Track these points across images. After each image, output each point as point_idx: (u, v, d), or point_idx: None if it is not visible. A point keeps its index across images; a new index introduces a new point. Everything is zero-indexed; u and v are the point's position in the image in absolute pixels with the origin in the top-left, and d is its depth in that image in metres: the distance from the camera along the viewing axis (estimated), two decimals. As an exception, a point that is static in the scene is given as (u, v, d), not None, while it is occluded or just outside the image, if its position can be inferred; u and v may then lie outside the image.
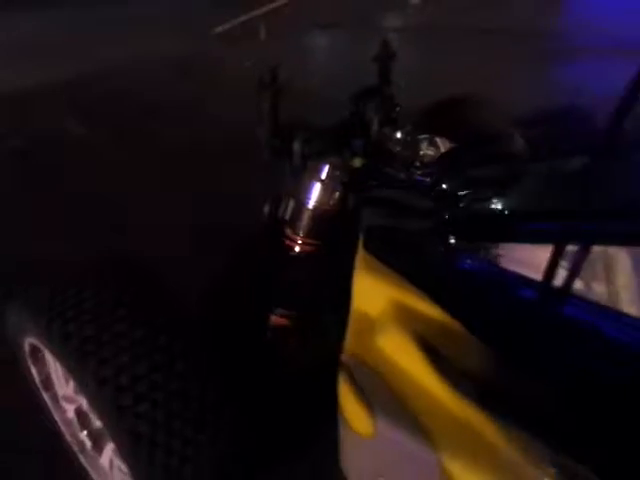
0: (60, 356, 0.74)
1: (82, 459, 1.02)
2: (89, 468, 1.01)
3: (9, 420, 1.18)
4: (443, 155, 1.09)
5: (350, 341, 0.77)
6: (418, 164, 1.09)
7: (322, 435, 0.86)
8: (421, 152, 1.33)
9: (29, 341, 0.89)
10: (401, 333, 0.71)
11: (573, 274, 0.62)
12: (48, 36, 6.93)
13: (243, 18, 6.76)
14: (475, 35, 5.38)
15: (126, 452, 0.71)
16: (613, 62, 3.77)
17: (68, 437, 1.03)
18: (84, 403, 0.87)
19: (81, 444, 1.01)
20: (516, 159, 0.95)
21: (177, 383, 0.72)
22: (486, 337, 0.66)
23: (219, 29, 6.82)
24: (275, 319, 1.04)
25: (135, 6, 9.66)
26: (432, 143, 1.29)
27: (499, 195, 0.84)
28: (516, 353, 0.64)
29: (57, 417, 1.03)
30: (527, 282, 0.70)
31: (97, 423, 0.86)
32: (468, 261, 0.77)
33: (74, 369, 0.72)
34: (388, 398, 0.67)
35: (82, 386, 0.74)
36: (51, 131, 3.23)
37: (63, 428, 1.03)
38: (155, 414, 0.69)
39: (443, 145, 1.22)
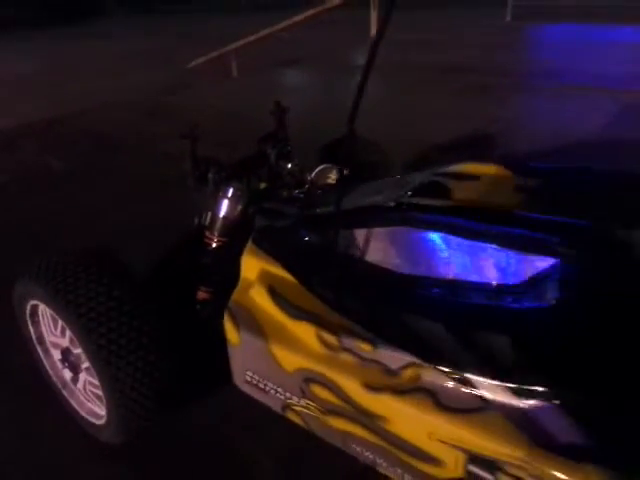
0: (54, 305, 1.25)
1: (65, 393, 1.52)
2: (70, 399, 1.51)
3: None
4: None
5: (235, 295, 1.28)
6: (307, 186, 1.65)
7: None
8: (330, 178, 1.95)
9: (31, 303, 1.39)
10: (261, 286, 1.24)
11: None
12: (31, 73, 7.51)
13: (214, 54, 7.31)
14: (420, 71, 6.11)
15: (94, 360, 1.22)
16: (540, 97, 4.44)
17: (54, 378, 1.52)
18: (67, 341, 1.37)
19: (63, 380, 1.51)
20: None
21: (124, 318, 1.23)
22: (309, 285, 1.19)
23: (192, 64, 7.42)
24: (200, 294, 1.56)
25: (118, 41, 10.29)
26: (338, 171, 1.90)
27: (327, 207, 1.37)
28: (324, 292, 1.16)
29: (47, 364, 1.53)
30: (336, 253, 1.23)
31: (75, 351, 1.36)
32: (306, 243, 1.30)
33: (62, 311, 1.23)
34: (247, 319, 1.19)
35: (67, 322, 1.24)
36: (32, 164, 3.76)
37: (51, 371, 1.53)
38: (110, 335, 1.20)
39: (343, 173, 1.82)
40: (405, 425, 0.96)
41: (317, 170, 2.06)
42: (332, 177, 2.05)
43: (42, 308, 1.40)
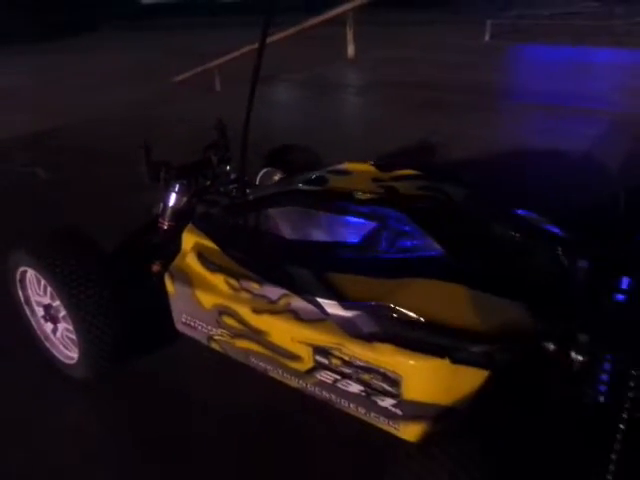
0: (38, 267, 1.74)
1: (48, 345, 2.00)
2: (52, 349, 1.99)
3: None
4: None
5: (175, 261, 1.78)
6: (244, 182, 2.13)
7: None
8: (274, 179, 2.47)
9: (20, 269, 1.88)
10: (193, 252, 1.73)
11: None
12: (19, 87, 8.03)
13: (199, 69, 7.87)
14: (387, 87, 6.69)
15: (68, 306, 1.70)
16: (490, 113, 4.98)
17: (39, 332, 2.00)
18: (48, 298, 1.86)
19: (45, 333, 1.99)
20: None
21: (91, 276, 1.72)
22: (225, 250, 1.68)
23: (176, 79, 7.98)
24: (154, 266, 2.05)
25: (105, 56, 10.84)
26: (281, 174, 2.41)
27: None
28: (234, 253, 1.65)
29: (33, 321, 2.01)
30: (244, 228, 1.73)
31: (54, 304, 1.84)
32: (228, 223, 1.80)
33: (44, 272, 1.72)
34: (181, 275, 1.69)
35: (54, 284, 1.72)
36: (22, 174, 4.28)
37: (35, 326, 2.01)
38: (79, 287, 1.69)
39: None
40: (279, 335, 1.45)
41: (262, 172, 2.58)
42: (275, 178, 2.57)
43: (29, 274, 1.89)
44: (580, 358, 1.21)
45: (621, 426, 1.15)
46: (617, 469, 1.10)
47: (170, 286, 1.72)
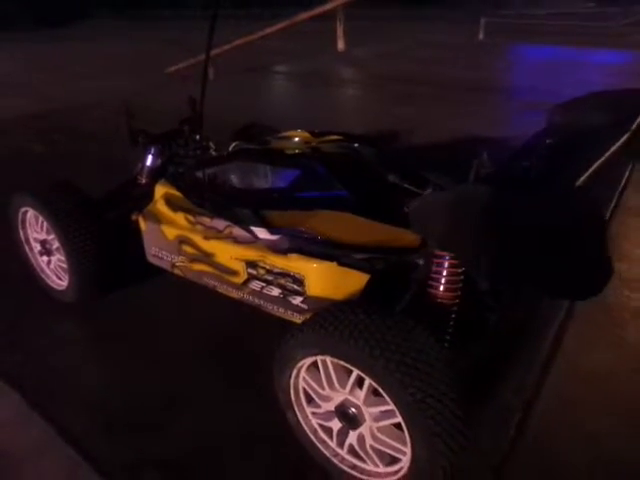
0: (38, 206, 2.25)
1: (43, 276, 2.51)
2: (46, 279, 2.50)
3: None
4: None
5: (148, 207, 2.28)
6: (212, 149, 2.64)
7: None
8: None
9: (22, 210, 2.39)
10: (162, 199, 2.24)
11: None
12: (16, 73, 8.55)
13: (192, 60, 8.36)
14: (367, 80, 7.22)
15: (61, 238, 2.21)
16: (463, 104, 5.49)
17: (36, 266, 2.52)
18: (44, 233, 2.36)
19: (41, 266, 2.50)
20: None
21: (78, 214, 2.22)
22: (187, 195, 2.20)
23: (170, 69, 8.48)
24: (134, 216, 2.55)
25: (101, 44, 11.35)
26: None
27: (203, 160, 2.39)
28: (193, 197, 2.17)
29: (31, 257, 2.52)
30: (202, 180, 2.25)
31: (50, 237, 2.35)
32: (191, 176, 2.30)
33: (42, 209, 2.23)
34: (152, 216, 2.20)
35: (50, 219, 2.23)
36: (20, 148, 4.80)
37: (33, 261, 2.52)
38: (69, 221, 2.19)
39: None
40: (223, 255, 1.96)
41: (232, 145, 3.09)
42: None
43: (29, 214, 2.40)
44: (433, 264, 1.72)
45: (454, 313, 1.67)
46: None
47: (143, 225, 2.23)
